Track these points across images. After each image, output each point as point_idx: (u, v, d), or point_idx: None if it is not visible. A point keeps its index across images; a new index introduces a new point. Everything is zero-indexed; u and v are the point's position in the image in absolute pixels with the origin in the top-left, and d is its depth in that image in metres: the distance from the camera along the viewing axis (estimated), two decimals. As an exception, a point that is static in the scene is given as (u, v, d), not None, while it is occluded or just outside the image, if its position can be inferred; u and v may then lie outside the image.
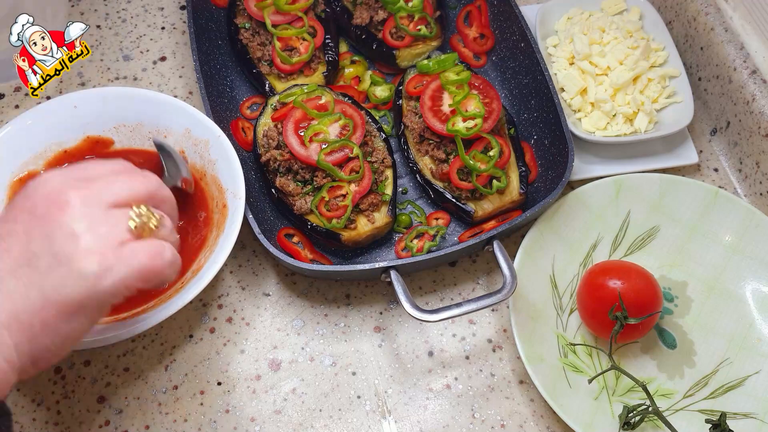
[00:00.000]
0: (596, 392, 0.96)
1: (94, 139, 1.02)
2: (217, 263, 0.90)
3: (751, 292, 1.03)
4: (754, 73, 1.10)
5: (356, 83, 1.19)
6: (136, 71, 1.22)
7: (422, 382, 0.98)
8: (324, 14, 1.20)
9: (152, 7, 1.29)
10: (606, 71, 1.14)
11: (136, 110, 1.02)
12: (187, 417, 0.95)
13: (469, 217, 1.05)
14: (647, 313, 0.94)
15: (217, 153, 1.00)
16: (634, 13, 1.21)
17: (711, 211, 1.06)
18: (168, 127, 1.02)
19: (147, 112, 1.02)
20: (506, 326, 1.02)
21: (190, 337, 1.00)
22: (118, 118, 1.03)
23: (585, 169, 1.11)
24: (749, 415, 0.95)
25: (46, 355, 0.69)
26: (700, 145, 1.18)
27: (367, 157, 1.05)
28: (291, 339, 1.00)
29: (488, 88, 1.09)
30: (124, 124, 1.03)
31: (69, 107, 1.01)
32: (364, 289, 1.04)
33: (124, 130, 1.03)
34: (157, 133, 1.02)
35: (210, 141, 1.00)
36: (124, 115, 1.03)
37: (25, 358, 0.68)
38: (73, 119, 1.01)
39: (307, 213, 1.02)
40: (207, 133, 1.01)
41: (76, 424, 0.94)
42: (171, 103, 1.02)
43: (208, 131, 1.01)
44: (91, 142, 1.02)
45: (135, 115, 1.03)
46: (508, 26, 1.18)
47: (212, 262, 0.91)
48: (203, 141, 1.01)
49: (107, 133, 1.03)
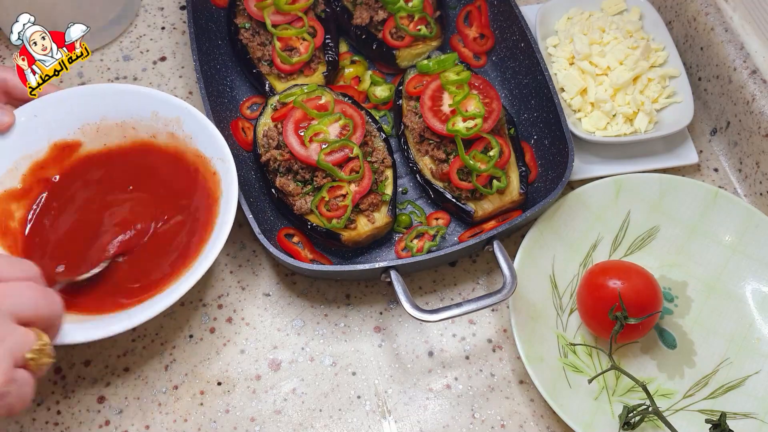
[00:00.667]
0: (596, 392, 0.96)
1: (60, 146, 1.00)
2: (228, 218, 0.91)
3: (751, 292, 1.03)
4: (754, 73, 1.10)
5: (356, 83, 1.19)
6: (136, 71, 1.22)
7: (422, 382, 0.98)
8: (324, 14, 1.20)
9: (152, 7, 1.29)
10: (606, 71, 1.14)
11: (97, 106, 1.00)
12: (187, 417, 0.95)
13: (469, 217, 1.05)
14: (647, 313, 0.94)
15: (191, 126, 0.99)
16: (634, 13, 1.21)
17: (711, 211, 1.06)
18: (133, 114, 1.01)
19: (109, 105, 1.00)
20: (506, 326, 1.02)
21: (190, 337, 1.00)
22: (82, 119, 1.00)
23: (585, 169, 1.11)
24: (749, 415, 0.95)
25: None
26: (700, 145, 1.18)
27: (367, 157, 1.05)
28: (291, 339, 1.00)
29: (488, 88, 1.09)
30: (87, 123, 1.01)
31: (30, 117, 0.98)
32: (364, 289, 1.04)
33: (89, 130, 1.01)
34: (124, 124, 1.01)
35: (180, 117, 0.99)
36: (87, 113, 1.00)
37: None
38: (36, 129, 0.98)
39: (307, 213, 1.02)
40: (175, 110, 1.00)
41: (76, 424, 0.94)
42: (131, 91, 1.01)
43: (176, 108, 1.00)
44: (58, 148, 1.00)
45: (97, 111, 1.01)
46: (508, 26, 1.18)
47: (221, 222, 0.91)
48: (174, 119, 1.00)
49: (73, 135, 1.00)
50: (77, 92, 1.00)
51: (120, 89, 1.01)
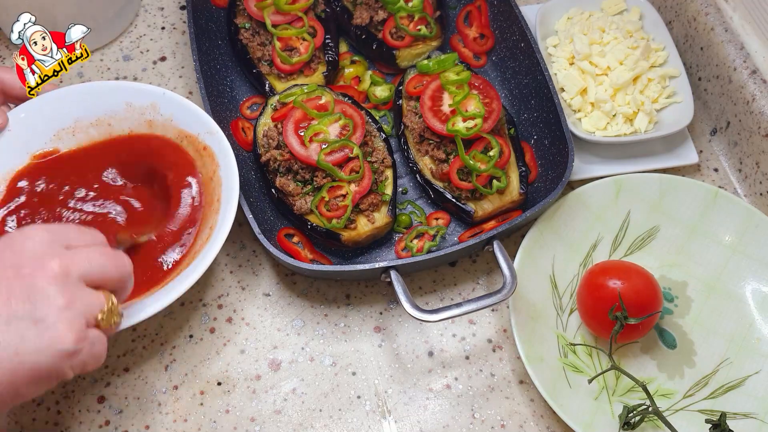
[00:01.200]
0: (596, 392, 0.96)
1: (39, 157, 0.99)
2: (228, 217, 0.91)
3: (751, 292, 1.03)
4: (754, 73, 1.10)
5: (356, 83, 1.19)
6: (136, 71, 1.22)
7: (422, 382, 0.98)
8: (324, 14, 1.20)
9: (152, 7, 1.29)
10: (606, 71, 1.14)
11: (69, 109, 0.99)
12: (187, 417, 0.95)
13: (469, 217, 1.05)
14: (647, 313, 0.94)
15: (169, 108, 0.99)
16: (634, 13, 1.21)
17: (711, 211, 1.06)
18: (106, 110, 1.00)
19: (80, 106, 1.00)
20: (506, 326, 1.02)
21: (190, 337, 1.00)
22: (54, 125, 0.99)
23: (585, 169, 1.11)
24: (749, 415, 0.95)
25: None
26: (700, 145, 1.18)
27: (367, 157, 1.05)
28: (291, 339, 1.00)
29: (488, 88, 1.09)
30: (62, 128, 0.99)
31: (4, 132, 0.96)
32: (364, 289, 1.04)
33: (64, 135, 1.00)
34: (98, 122, 1.00)
35: (156, 102, 0.99)
36: (59, 118, 0.99)
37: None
38: (11, 142, 0.97)
39: (307, 213, 1.02)
40: (148, 96, 0.99)
41: (76, 424, 0.94)
42: (99, 88, 1.00)
43: (149, 94, 0.99)
44: (38, 159, 0.99)
45: (69, 114, 1.00)
46: (508, 26, 1.18)
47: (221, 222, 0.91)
48: (149, 105, 0.99)
49: (50, 144, 0.99)
50: (45, 99, 0.98)
51: (88, 89, 1.00)
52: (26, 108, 0.98)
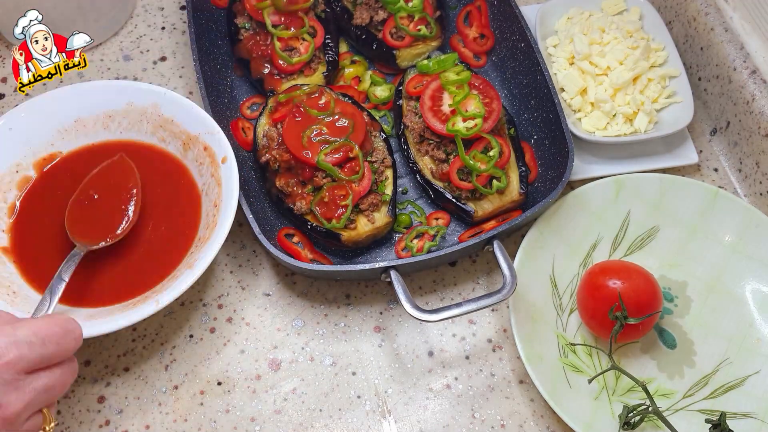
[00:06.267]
0: (596, 392, 0.96)
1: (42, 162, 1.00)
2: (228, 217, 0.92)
3: (751, 292, 1.03)
4: (754, 73, 1.10)
5: (356, 83, 1.19)
6: (136, 71, 1.22)
7: (422, 382, 0.98)
8: (324, 14, 1.20)
9: (152, 7, 1.29)
10: (606, 71, 1.14)
11: (71, 109, 1.00)
12: (187, 417, 0.95)
13: (469, 217, 1.05)
14: (647, 313, 0.94)
15: (170, 109, 0.99)
16: (634, 13, 1.21)
17: (711, 211, 1.06)
18: (108, 110, 1.00)
19: (84, 105, 1.00)
20: (506, 326, 1.02)
21: (190, 337, 1.00)
22: (57, 125, 1.00)
23: (585, 169, 1.11)
24: (749, 415, 0.95)
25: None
26: (700, 145, 1.18)
27: (367, 157, 1.05)
28: (291, 339, 1.00)
29: (488, 88, 1.09)
30: (65, 128, 1.00)
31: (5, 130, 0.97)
32: (364, 289, 1.04)
33: (67, 135, 1.00)
34: (96, 119, 1.00)
35: (158, 102, 1.00)
36: (61, 119, 1.00)
37: None
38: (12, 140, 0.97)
39: (307, 213, 1.02)
40: (151, 97, 1.00)
41: (76, 424, 0.94)
42: (102, 88, 1.00)
43: (152, 95, 1.00)
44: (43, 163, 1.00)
45: (72, 113, 1.00)
46: (508, 26, 1.18)
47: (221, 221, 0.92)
48: (151, 106, 1.00)
49: (52, 147, 1.00)
50: (46, 99, 0.99)
51: (90, 88, 1.00)
52: (27, 106, 0.98)
